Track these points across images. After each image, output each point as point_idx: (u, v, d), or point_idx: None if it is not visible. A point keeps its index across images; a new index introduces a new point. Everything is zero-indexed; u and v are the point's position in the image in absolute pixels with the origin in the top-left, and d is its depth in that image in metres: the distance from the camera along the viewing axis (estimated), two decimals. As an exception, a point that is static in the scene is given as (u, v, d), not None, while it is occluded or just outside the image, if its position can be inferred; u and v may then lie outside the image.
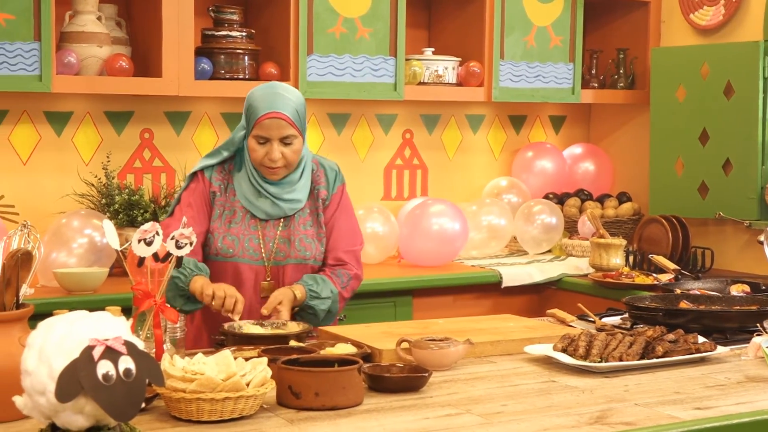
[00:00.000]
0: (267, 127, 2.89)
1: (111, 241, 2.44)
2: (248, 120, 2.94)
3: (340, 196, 3.10)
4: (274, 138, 2.90)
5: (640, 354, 2.56)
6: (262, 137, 2.90)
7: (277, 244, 2.99)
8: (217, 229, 2.98)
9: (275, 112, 2.89)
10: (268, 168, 2.93)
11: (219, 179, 3.01)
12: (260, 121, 2.89)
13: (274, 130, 2.89)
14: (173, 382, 2.03)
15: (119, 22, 3.96)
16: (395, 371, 2.36)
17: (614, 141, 5.12)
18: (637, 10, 4.86)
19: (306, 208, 3.03)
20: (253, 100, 2.94)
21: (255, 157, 2.93)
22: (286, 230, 3.01)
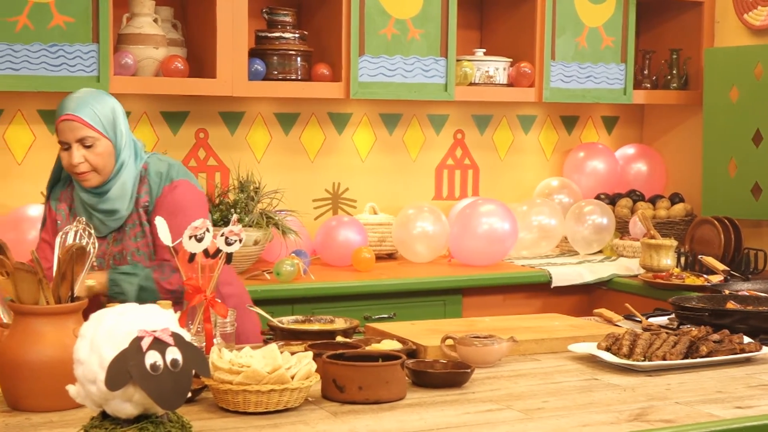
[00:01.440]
0: (62, 131, 2.83)
1: (163, 237, 2.51)
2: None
3: (164, 198, 2.90)
4: (72, 141, 2.82)
5: (684, 353, 2.57)
6: (63, 142, 2.83)
7: (115, 260, 2.90)
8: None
9: (68, 114, 2.82)
10: (75, 174, 2.85)
11: (62, 206, 2.94)
12: (57, 125, 2.84)
13: (67, 133, 2.82)
14: (220, 375, 2.09)
15: (175, 24, 4.05)
16: (439, 367, 2.40)
17: (667, 142, 5.10)
18: (690, 10, 4.84)
19: (134, 219, 2.90)
20: (59, 106, 2.87)
21: (64, 164, 2.86)
22: (119, 245, 2.90)
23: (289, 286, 3.78)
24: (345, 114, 4.51)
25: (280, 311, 3.57)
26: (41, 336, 2.07)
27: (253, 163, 4.29)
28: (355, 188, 4.55)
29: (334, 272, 4.06)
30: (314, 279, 3.86)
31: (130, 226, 2.90)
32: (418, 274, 4.08)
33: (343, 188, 4.53)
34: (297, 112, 4.41)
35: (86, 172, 2.83)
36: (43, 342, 2.07)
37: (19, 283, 2.10)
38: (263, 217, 3.91)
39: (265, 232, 3.90)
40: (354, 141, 4.54)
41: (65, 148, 2.83)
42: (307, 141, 4.44)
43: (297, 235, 4.01)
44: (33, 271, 2.10)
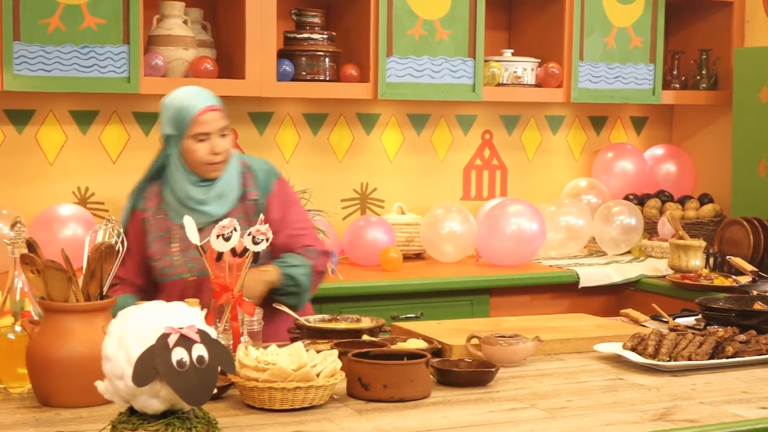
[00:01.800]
0: (206, 122, 2.90)
1: (191, 236, 2.54)
2: (180, 124, 2.91)
3: (277, 193, 3.03)
4: (214, 131, 2.91)
5: (710, 354, 2.56)
6: (203, 133, 2.89)
7: None
8: (155, 254, 2.95)
9: (211, 105, 2.93)
10: (211, 165, 2.91)
11: (150, 204, 2.99)
12: (199, 116, 2.89)
13: (212, 123, 2.91)
14: (247, 372, 2.12)
15: (204, 26, 4.08)
16: (463, 366, 2.42)
17: (697, 142, 5.08)
18: (720, 10, 4.82)
19: (239, 212, 2.95)
20: (178, 103, 2.93)
21: (197, 156, 2.90)
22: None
23: (317, 286, 3.79)
24: (373, 114, 4.53)
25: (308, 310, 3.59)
26: (71, 333, 2.11)
27: (282, 164, 4.32)
28: (383, 188, 4.56)
29: (361, 272, 4.08)
30: (342, 278, 3.88)
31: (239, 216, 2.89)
32: (445, 274, 4.09)
33: (371, 188, 4.55)
34: (325, 113, 4.43)
35: (221, 162, 2.92)
36: (72, 339, 2.10)
37: (49, 281, 2.14)
38: (291, 216, 3.92)
39: (294, 231, 3.92)
40: (382, 141, 4.56)
41: (201, 140, 2.89)
42: (335, 141, 4.47)
43: (325, 235, 4.02)
44: (63, 269, 2.14)
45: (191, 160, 2.93)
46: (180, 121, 2.92)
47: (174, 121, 2.93)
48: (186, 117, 2.91)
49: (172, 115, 2.93)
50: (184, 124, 2.91)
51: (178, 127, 2.92)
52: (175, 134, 2.94)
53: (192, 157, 2.92)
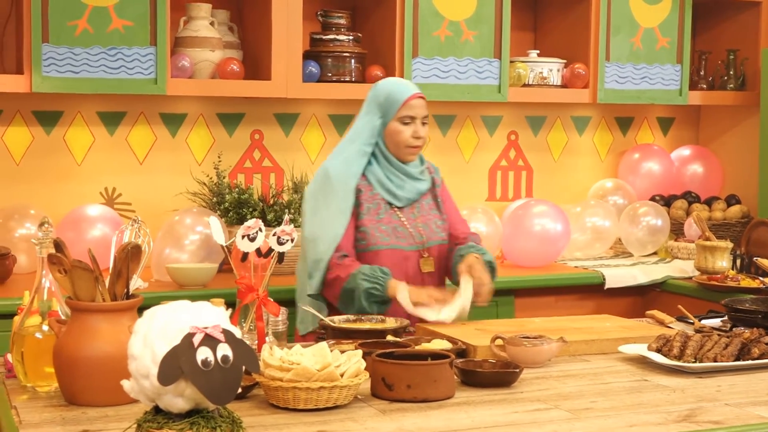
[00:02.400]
0: (414, 107, 3.18)
1: (217, 236, 2.56)
2: (388, 107, 3.19)
3: (443, 183, 3.39)
4: (419, 117, 3.19)
5: (735, 355, 2.55)
6: (409, 117, 3.17)
7: (418, 228, 3.21)
8: (369, 223, 3.17)
9: (419, 93, 3.22)
10: (413, 147, 3.19)
11: (361, 178, 3.21)
12: (408, 101, 3.17)
13: (418, 109, 3.19)
14: (271, 372, 2.13)
15: (231, 27, 4.10)
16: (487, 367, 2.42)
17: (724, 143, 5.05)
18: (747, 10, 4.80)
19: (428, 194, 3.30)
20: (389, 88, 3.22)
21: (401, 138, 3.18)
22: (420, 216, 3.24)
23: (342, 286, 3.80)
24: (399, 115, 4.53)
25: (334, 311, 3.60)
26: (97, 332, 2.12)
27: (308, 164, 4.33)
28: (408, 189, 4.56)
29: (386, 272, 4.08)
30: (367, 279, 3.88)
31: (426, 201, 3.29)
32: (470, 275, 4.08)
33: (397, 189, 4.55)
34: (351, 114, 4.43)
35: (419, 147, 3.22)
36: (99, 338, 2.12)
37: (76, 281, 2.16)
38: (317, 217, 3.93)
39: (319, 232, 3.93)
40: (407, 142, 4.55)
41: (406, 123, 3.18)
42: (360, 142, 4.47)
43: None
44: (90, 269, 2.16)
45: (394, 141, 3.20)
46: (390, 104, 3.19)
47: (384, 105, 3.20)
48: (395, 102, 3.19)
49: (383, 99, 3.21)
50: (394, 107, 3.18)
51: (388, 109, 3.19)
52: (381, 117, 3.20)
53: (396, 138, 3.19)
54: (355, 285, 3.00)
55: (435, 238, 3.24)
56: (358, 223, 3.17)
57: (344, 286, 3.02)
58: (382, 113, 3.19)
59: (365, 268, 3.03)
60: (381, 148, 3.21)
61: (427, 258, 3.21)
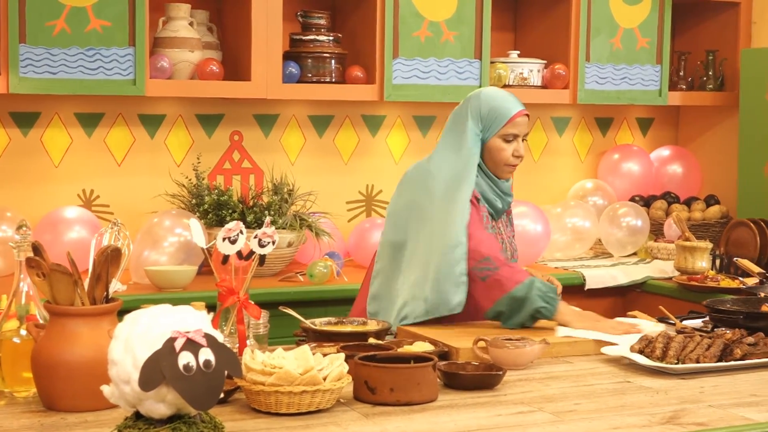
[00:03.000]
0: (519, 125, 3.02)
1: (197, 239, 2.54)
2: (491, 121, 3.01)
3: None
4: (521, 134, 3.04)
5: (718, 356, 2.55)
6: (512, 134, 3.01)
7: (512, 243, 3.17)
8: None
9: (524, 110, 3.04)
10: (512, 166, 3.05)
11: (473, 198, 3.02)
12: (514, 119, 3.00)
13: (522, 126, 3.04)
14: (253, 375, 2.11)
15: (210, 28, 4.08)
16: (470, 369, 2.40)
17: (703, 143, 5.06)
18: (726, 11, 4.81)
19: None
20: (495, 102, 3.03)
21: (502, 156, 3.01)
22: (504, 230, 3.14)
23: (322, 288, 3.79)
24: (379, 116, 4.52)
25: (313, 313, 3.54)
26: (76, 337, 2.10)
27: (287, 166, 4.31)
28: (388, 190, 4.53)
29: (367, 274, 4.07)
30: (347, 281, 3.87)
31: (504, 217, 3.15)
32: (451, 276, 4.07)
33: (377, 190, 4.54)
34: (331, 115, 4.43)
35: (517, 165, 3.07)
36: (78, 343, 2.09)
37: (54, 285, 2.13)
38: (297, 219, 3.93)
39: (299, 234, 3.92)
40: (388, 143, 4.55)
41: (509, 140, 3.01)
42: (340, 143, 4.46)
43: (330, 237, 4.02)
44: (68, 273, 2.13)
45: (494, 158, 3.03)
46: (494, 119, 3.01)
47: (487, 118, 3.02)
48: (500, 117, 3.01)
49: (487, 112, 3.02)
50: (497, 123, 3.01)
51: (491, 124, 3.01)
52: (482, 131, 3.02)
53: (496, 155, 3.02)
54: (526, 296, 2.80)
55: (515, 256, 3.16)
56: None
57: (512, 293, 2.81)
58: (484, 126, 3.01)
59: (538, 281, 2.83)
60: (481, 164, 3.04)
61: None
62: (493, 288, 2.83)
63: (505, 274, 2.83)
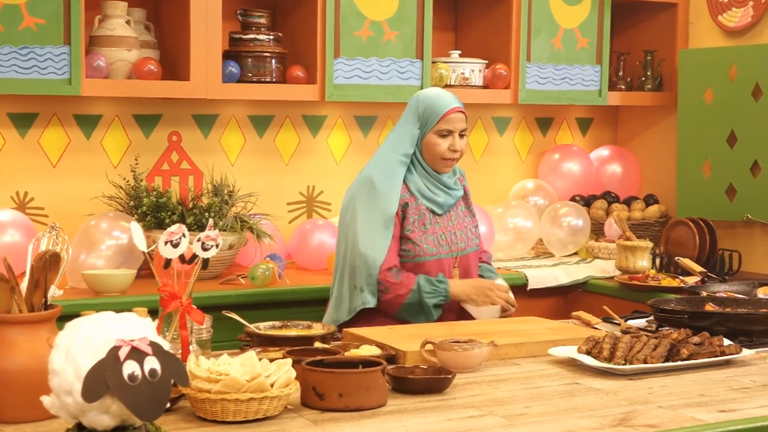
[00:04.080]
0: (453, 121, 3.23)
1: (138, 242, 2.47)
2: (427, 118, 3.24)
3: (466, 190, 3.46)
4: (457, 130, 3.24)
5: (665, 356, 2.55)
6: (447, 130, 3.23)
7: (456, 236, 3.30)
8: (416, 235, 3.22)
9: (459, 107, 3.26)
10: (449, 160, 3.25)
11: (402, 189, 3.25)
12: (447, 115, 3.22)
13: (458, 123, 3.24)
14: (198, 383, 2.05)
15: (148, 26, 4.00)
16: (419, 373, 2.38)
17: (641, 143, 5.10)
18: (664, 11, 4.85)
19: (461, 202, 3.38)
20: (430, 100, 3.27)
21: (438, 150, 3.23)
22: (456, 222, 3.33)
23: (264, 291, 3.74)
24: (319, 116, 4.48)
25: (256, 316, 3.49)
26: (13, 345, 2.02)
27: (227, 167, 4.25)
28: (329, 191, 4.51)
29: (309, 276, 4.03)
30: (289, 283, 3.83)
31: (460, 208, 3.37)
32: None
33: (318, 191, 4.50)
34: (271, 115, 4.37)
35: (456, 160, 3.27)
36: (15, 351, 2.02)
37: (-10, 291, 2.05)
38: (237, 220, 3.87)
39: (240, 236, 3.86)
40: (329, 144, 4.51)
41: (444, 135, 3.23)
42: (281, 144, 4.41)
43: (272, 239, 3.97)
44: (5, 278, 2.06)
45: (431, 153, 3.25)
46: (429, 116, 3.24)
47: (423, 116, 3.25)
48: (434, 114, 3.24)
49: (423, 110, 3.26)
50: (431, 119, 3.23)
51: (426, 120, 3.24)
52: (419, 128, 3.25)
53: (432, 150, 3.24)
54: (418, 300, 3.15)
55: (471, 245, 3.35)
56: (404, 235, 3.22)
57: (405, 303, 3.16)
58: (421, 124, 3.24)
59: (423, 284, 3.15)
60: (418, 158, 3.26)
61: (457, 268, 3.30)
62: (391, 304, 3.17)
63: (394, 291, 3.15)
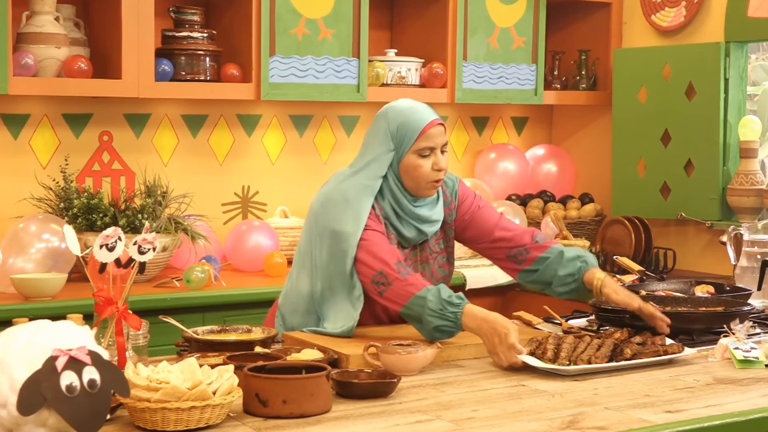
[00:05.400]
0: (433, 136, 2.77)
1: (72, 246, 2.38)
2: (402, 138, 2.78)
3: (465, 191, 2.97)
4: (438, 146, 2.78)
5: (609, 356, 2.55)
6: (428, 148, 2.76)
7: (417, 269, 2.87)
8: None
9: (437, 119, 2.80)
10: (435, 182, 2.79)
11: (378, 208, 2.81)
12: (426, 130, 2.76)
13: (438, 137, 2.78)
14: (138, 392, 1.98)
15: (77, 23, 3.90)
16: (363, 377, 2.33)
17: (576, 142, 5.12)
18: (598, 11, 4.87)
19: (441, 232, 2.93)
20: (404, 116, 2.79)
21: (421, 173, 2.76)
22: (422, 255, 2.90)
23: (199, 294, 3.67)
24: (254, 116, 4.41)
25: (191, 320, 3.47)
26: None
27: (160, 167, 4.16)
28: (265, 191, 4.45)
29: (245, 278, 3.96)
30: (225, 285, 3.76)
31: (433, 237, 2.89)
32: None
33: (253, 191, 4.43)
34: (205, 114, 4.30)
35: (440, 180, 2.80)
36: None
37: None
38: (171, 222, 3.79)
39: (174, 237, 3.79)
40: (264, 143, 4.44)
41: (425, 155, 2.76)
42: (215, 143, 4.33)
43: (206, 241, 3.90)
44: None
45: (413, 177, 2.78)
46: (404, 136, 2.77)
47: (397, 136, 2.78)
48: (412, 132, 2.77)
49: (395, 129, 2.78)
50: (409, 138, 2.77)
51: (402, 141, 2.78)
52: (394, 150, 2.78)
53: (415, 173, 2.77)
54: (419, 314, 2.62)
55: (434, 279, 2.87)
56: None
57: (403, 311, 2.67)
58: (396, 145, 2.77)
59: (431, 298, 2.60)
60: (391, 186, 2.79)
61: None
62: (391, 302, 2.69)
63: (395, 289, 2.67)
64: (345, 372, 2.36)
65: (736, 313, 2.90)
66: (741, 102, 4.40)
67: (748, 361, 2.60)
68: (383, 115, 2.83)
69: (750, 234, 3.70)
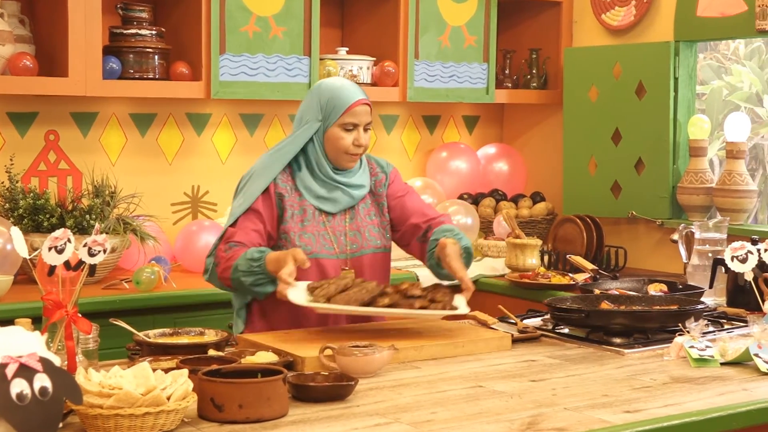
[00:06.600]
0: (358, 114, 3.01)
1: (19, 249, 2.32)
2: (330, 111, 3.01)
3: (395, 182, 3.18)
4: (362, 124, 3.02)
5: (364, 302, 2.72)
6: (351, 124, 3.00)
7: (348, 237, 3.06)
8: (291, 229, 3.00)
9: (364, 99, 3.03)
10: (353, 155, 3.02)
11: (284, 180, 3.02)
12: (351, 108, 3.00)
13: (362, 116, 3.02)
14: (89, 398, 1.93)
15: (22, 20, 3.81)
16: (320, 380, 2.30)
17: (527, 141, 5.13)
18: (549, 10, 4.88)
19: (367, 198, 3.12)
20: (333, 92, 3.03)
21: (342, 145, 3.00)
22: (353, 222, 3.09)
23: (149, 295, 3.61)
24: (204, 114, 4.35)
25: (142, 322, 3.39)
26: None
27: (108, 167, 4.09)
28: (215, 191, 4.39)
29: (196, 279, 3.89)
30: (176, 287, 3.70)
31: (363, 206, 3.10)
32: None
33: (203, 191, 4.37)
34: (154, 113, 4.23)
35: (360, 154, 3.04)
36: None
37: None
38: (120, 222, 3.73)
39: (123, 238, 3.72)
40: (213, 142, 4.39)
41: (349, 129, 3.00)
42: (164, 142, 4.27)
43: (156, 241, 3.84)
44: None
45: (334, 147, 3.02)
46: (329, 110, 3.02)
47: (326, 108, 3.02)
48: (338, 107, 3.01)
49: (324, 103, 3.02)
50: (335, 113, 3.01)
51: (329, 113, 3.02)
52: (321, 120, 3.02)
53: (336, 144, 3.01)
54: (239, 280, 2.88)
55: (368, 247, 3.08)
56: (281, 228, 3.00)
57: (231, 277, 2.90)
58: (324, 116, 3.02)
59: (240, 261, 2.85)
60: (317, 151, 3.03)
61: (348, 270, 3.00)
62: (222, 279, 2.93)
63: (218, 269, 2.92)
64: (301, 375, 2.32)
65: (690, 311, 2.91)
66: (690, 101, 4.44)
67: (704, 360, 2.61)
68: (316, 89, 3.09)
69: (701, 232, 3.73)
